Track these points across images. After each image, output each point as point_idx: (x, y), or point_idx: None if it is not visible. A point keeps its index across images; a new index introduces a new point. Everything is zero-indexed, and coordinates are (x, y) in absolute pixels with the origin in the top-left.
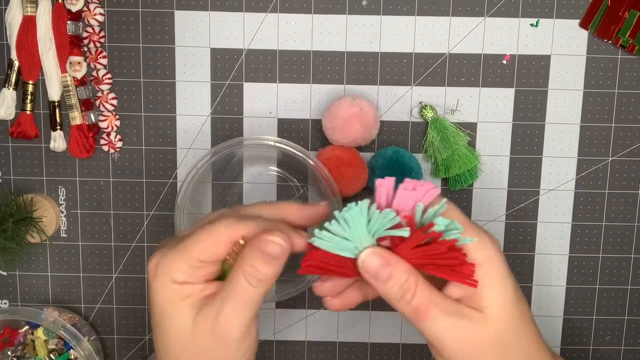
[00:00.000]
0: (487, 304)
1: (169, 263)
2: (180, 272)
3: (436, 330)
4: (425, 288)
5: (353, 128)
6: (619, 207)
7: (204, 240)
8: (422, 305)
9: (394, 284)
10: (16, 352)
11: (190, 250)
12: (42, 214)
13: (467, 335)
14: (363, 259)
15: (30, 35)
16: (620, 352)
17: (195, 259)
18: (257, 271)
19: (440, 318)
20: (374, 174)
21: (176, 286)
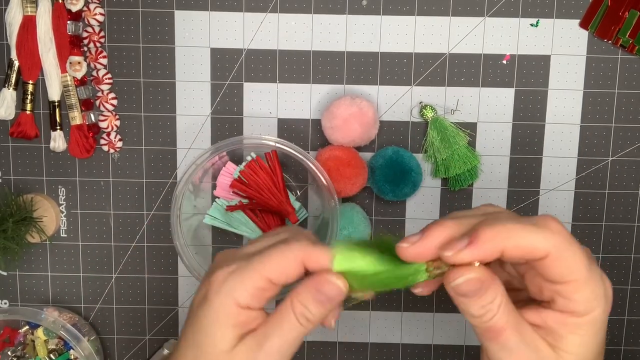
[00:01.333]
0: (567, 349)
1: (237, 281)
2: (246, 293)
3: (503, 353)
4: (507, 310)
5: (352, 128)
6: (619, 207)
7: (278, 259)
8: (498, 327)
9: (477, 303)
10: (16, 352)
11: (263, 270)
12: (42, 214)
13: None
14: (461, 283)
15: (30, 35)
16: (620, 352)
17: (265, 279)
18: (308, 311)
19: (511, 344)
20: (373, 174)
21: (235, 310)
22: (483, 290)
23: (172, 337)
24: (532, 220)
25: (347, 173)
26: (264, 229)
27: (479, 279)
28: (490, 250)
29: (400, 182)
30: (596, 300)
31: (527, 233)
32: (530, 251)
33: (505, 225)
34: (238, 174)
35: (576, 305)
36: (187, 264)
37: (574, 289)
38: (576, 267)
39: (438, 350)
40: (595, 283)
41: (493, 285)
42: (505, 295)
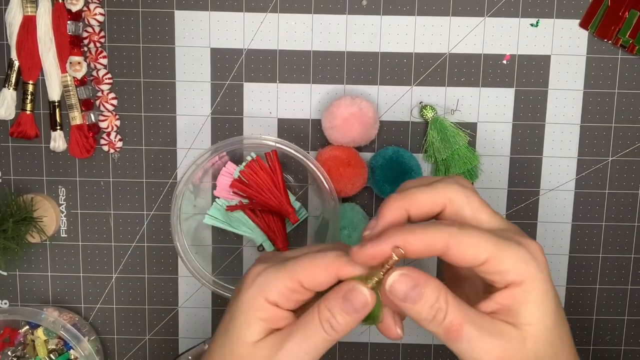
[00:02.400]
0: (525, 321)
1: (270, 278)
2: (276, 291)
3: (471, 350)
4: (457, 305)
5: (352, 128)
6: (619, 207)
7: (312, 265)
8: (455, 325)
9: (423, 305)
10: (16, 352)
11: (295, 272)
12: (42, 214)
13: (504, 355)
14: (390, 284)
15: (30, 35)
16: (620, 352)
17: (296, 281)
18: (333, 318)
19: (475, 337)
20: (373, 174)
21: (263, 304)
22: (420, 288)
23: (172, 337)
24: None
25: (347, 173)
26: (264, 229)
27: (408, 275)
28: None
29: (400, 182)
30: (522, 263)
31: (424, 231)
32: (430, 244)
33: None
34: (238, 174)
35: (507, 276)
36: (187, 264)
37: (494, 265)
38: (478, 246)
39: (438, 350)
40: (511, 249)
41: (429, 282)
42: (449, 292)
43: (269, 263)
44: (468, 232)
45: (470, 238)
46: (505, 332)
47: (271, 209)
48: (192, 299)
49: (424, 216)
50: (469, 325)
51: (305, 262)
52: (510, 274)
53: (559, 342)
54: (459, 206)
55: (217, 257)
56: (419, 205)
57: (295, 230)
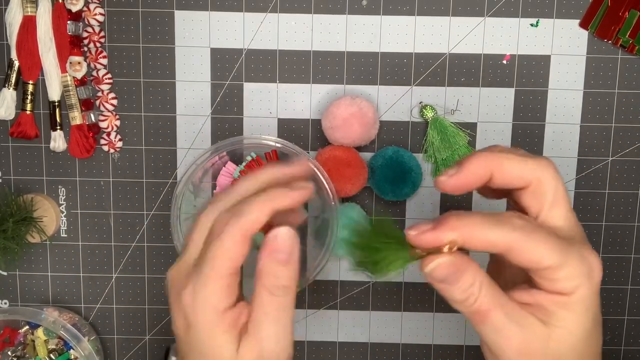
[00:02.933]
0: (556, 323)
1: (204, 291)
2: (218, 296)
3: (494, 334)
4: (489, 291)
5: (352, 128)
6: (619, 207)
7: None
8: (483, 309)
9: (457, 288)
10: (16, 352)
11: (218, 270)
12: (42, 214)
13: (525, 346)
14: (434, 268)
15: (30, 35)
16: (620, 352)
17: (225, 276)
18: (279, 278)
19: (500, 322)
20: (374, 174)
21: (219, 316)
22: (459, 274)
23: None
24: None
25: (347, 173)
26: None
27: (452, 263)
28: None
29: (400, 182)
30: (579, 278)
31: (489, 228)
32: (492, 244)
33: (471, 219)
34: (238, 174)
35: (560, 285)
36: None
37: (551, 272)
38: (542, 254)
39: (438, 350)
40: (574, 262)
41: (469, 268)
42: (485, 277)
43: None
44: (536, 237)
45: (536, 245)
46: (532, 324)
47: None
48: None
49: (504, 185)
50: (497, 310)
51: (217, 256)
52: (562, 284)
53: (585, 355)
54: (544, 193)
55: None
56: (506, 172)
57: None
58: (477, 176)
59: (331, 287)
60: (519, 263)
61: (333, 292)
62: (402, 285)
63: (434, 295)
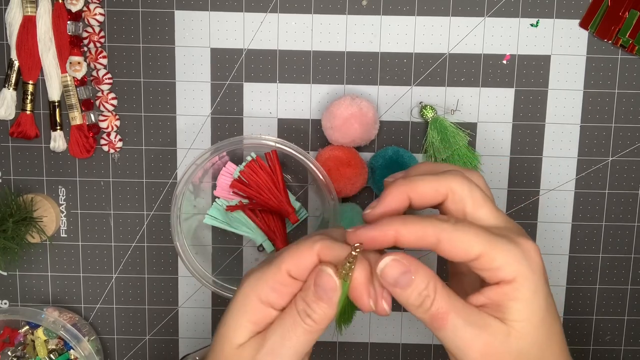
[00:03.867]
0: (512, 317)
1: (260, 277)
2: (267, 287)
3: (455, 339)
4: (444, 294)
5: (352, 128)
6: (619, 207)
7: (295, 252)
8: (441, 313)
9: (412, 291)
10: (16, 352)
11: (281, 263)
12: (42, 214)
13: (487, 347)
14: (382, 268)
15: (30, 35)
16: (620, 352)
17: (284, 273)
18: (309, 307)
19: (459, 327)
20: (374, 174)
21: (256, 305)
22: (410, 275)
23: (172, 337)
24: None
25: (347, 173)
26: (264, 229)
27: (399, 261)
28: (382, 232)
29: None
30: (516, 263)
31: (417, 223)
32: (421, 237)
33: (401, 217)
34: (238, 174)
35: (500, 273)
36: (187, 264)
37: (485, 261)
38: (470, 243)
39: (438, 350)
40: (504, 247)
41: (420, 269)
42: (439, 281)
43: (263, 265)
44: (460, 228)
45: (461, 234)
46: (490, 325)
47: (271, 209)
48: (192, 299)
49: (425, 204)
50: (454, 314)
51: (290, 251)
52: (502, 272)
53: (546, 341)
54: (460, 199)
55: (217, 257)
56: (421, 193)
57: (295, 230)
58: (396, 204)
59: None
60: (451, 256)
61: None
62: None
63: None
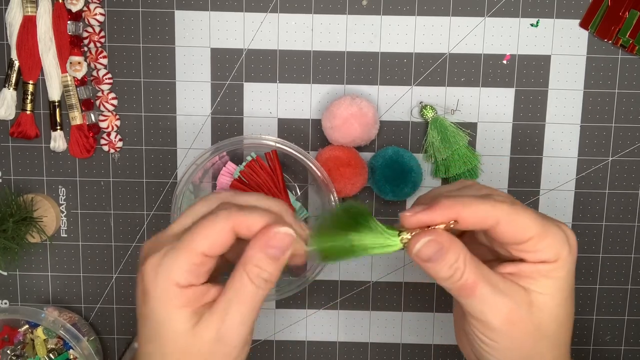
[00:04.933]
0: (538, 289)
1: (171, 263)
2: (183, 272)
3: (481, 305)
4: (473, 266)
5: (352, 128)
6: (619, 207)
7: (207, 232)
8: (469, 283)
9: (444, 265)
10: (15, 351)
11: (193, 245)
12: (42, 214)
13: (511, 314)
14: (419, 248)
15: (31, 35)
16: (620, 352)
17: (199, 254)
18: (263, 270)
19: (487, 294)
20: (374, 174)
21: (178, 291)
22: (444, 251)
23: None
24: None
25: (347, 173)
26: None
27: (436, 240)
28: (444, 215)
29: (401, 182)
30: (560, 245)
31: (481, 207)
32: (481, 219)
33: (461, 198)
34: (238, 174)
35: (543, 254)
36: None
37: (535, 243)
38: (527, 225)
39: (438, 350)
40: (553, 231)
41: (453, 245)
42: (468, 253)
43: (162, 248)
44: (519, 211)
45: (519, 217)
46: (516, 293)
47: None
48: None
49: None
50: (483, 283)
51: (200, 231)
52: (546, 254)
53: (564, 320)
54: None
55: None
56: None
57: None
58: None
59: (331, 287)
60: (504, 237)
61: (333, 292)
62: (402, 285)
63: (434, 295)
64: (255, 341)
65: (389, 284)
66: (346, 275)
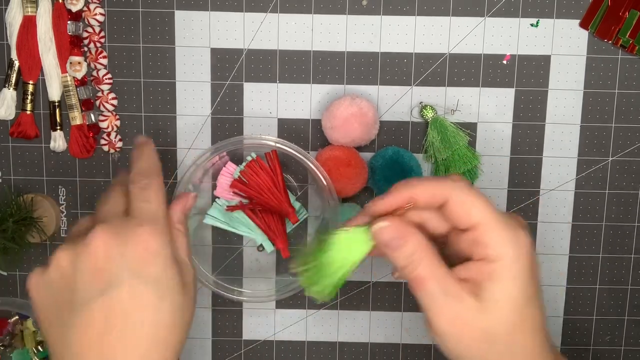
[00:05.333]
0: (486, 297)
1: (162, 246)
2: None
3: (430, 304)
4: (429, 262)
5: (352, 127)
6: (619, 207)
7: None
8: (420, 278)
9: (400, 254)
10: (4, 341)
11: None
12: (42, 214)
13: (456, 318)
14: (376, 229)
15: (31, 35)
16: (620, 352)
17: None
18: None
19: (435, 294)
20: (374, 174)
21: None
22: (402, 240)
23: None
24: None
25: (348, 173)
26: (264, 229)
27: (393, 227)
28: (399, 197)
29: None
30: (504, 243)
31: (431, 183)
32: (432, 196)
33: (415, 178)
34: (238, 174)
35: (486, 249)
36: None
37: (480, 234)
38: (476, 209)
39: (438, 350)
40: (502, 227)
41: (412, 238)
42: (428, 250)
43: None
44: (471, 193)
45: (470, 198)
46: (464, 298)
47: (271, 209)
48: None
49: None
50: (434, 282)
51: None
52: (489, 249)
53: (517, 327)
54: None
55: (217, 257)
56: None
57: (295, 230)
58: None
59: None
60: (454, 217)
61: None
62: (402, 285)
63: None
64: (255, 341)
65: (389, 284)
66: None
